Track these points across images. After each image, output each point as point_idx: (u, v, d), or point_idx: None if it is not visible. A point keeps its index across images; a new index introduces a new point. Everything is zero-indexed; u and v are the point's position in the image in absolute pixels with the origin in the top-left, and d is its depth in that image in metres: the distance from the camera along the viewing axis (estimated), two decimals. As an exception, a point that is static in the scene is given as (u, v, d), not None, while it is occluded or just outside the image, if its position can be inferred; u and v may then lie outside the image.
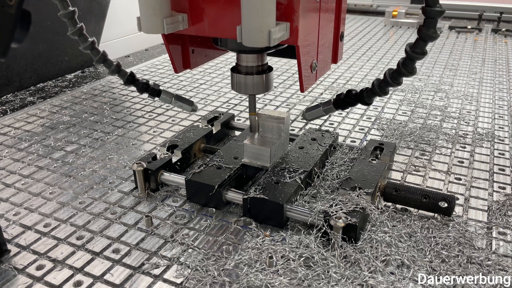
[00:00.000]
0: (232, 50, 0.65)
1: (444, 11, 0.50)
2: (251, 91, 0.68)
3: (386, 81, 0.59)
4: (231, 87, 0.70)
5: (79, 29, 0.67)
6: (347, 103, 0.66)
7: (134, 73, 0.74)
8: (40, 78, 1.28)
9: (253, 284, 0.53)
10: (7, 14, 0.48)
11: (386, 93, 0.61)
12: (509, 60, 1.45)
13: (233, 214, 0.68)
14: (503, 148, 0.87)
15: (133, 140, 0.93)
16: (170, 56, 0.68)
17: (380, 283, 0.53)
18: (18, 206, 0.71)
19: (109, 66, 0.72)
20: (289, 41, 0.54)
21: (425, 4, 0.50)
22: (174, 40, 0.67)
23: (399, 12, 1.94)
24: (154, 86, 0.75)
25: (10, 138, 0.94)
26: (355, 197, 0.62)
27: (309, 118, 0.73)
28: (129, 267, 0.58)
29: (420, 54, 0.54)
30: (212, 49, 0.73)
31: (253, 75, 0.66)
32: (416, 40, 0.53)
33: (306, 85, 0.60)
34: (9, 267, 0.58)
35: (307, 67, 0.60)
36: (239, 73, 0.67)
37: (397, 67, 0.57)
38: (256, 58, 0.65)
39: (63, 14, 0.64)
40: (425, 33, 0.51)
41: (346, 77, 1.30)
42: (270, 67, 0.68)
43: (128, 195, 0.73)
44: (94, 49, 0.70)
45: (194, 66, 0.71)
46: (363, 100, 0.64)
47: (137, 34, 1.72)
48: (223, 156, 0.75)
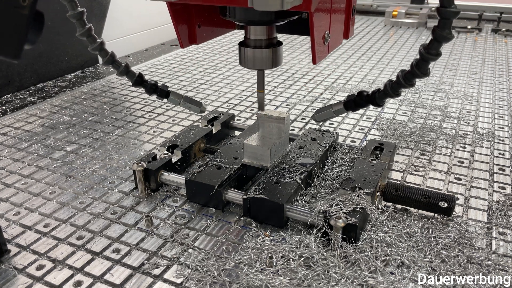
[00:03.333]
0: (240, 21, 0.63)
1: (459, 12, 0.49)
2: (260, 66, 0.66)
3: (399, 82, 0.58)
4: (239, 62, 0.68)
5: (88, 30, 0.66)
6: (358, 104, 0.65)
7: (143, 74, 0.74)
8: (40, 78, 1.28)
9: (253, 284, 0.53)
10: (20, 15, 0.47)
11: (399, 94, 0.60)
12: (509, 60, 1.45)
13: (233, 214, 0.68)
14: (503, 148, 0.87)
15: (133, 140, 0.93)
16: (176, 30, 0.66)
17: (380, 283, 0.53)
18: (18, 206, 0.71)
19: (118, 67, 0.71)
20: (301, 7, 0.52)
21: (440, 4, 0.49)
22: (180, 13, 0.65)
23: (399, 12, 1.94)
24: (162, 87, 0.75)
25: (10, 138, 0.94)
26: (355, 197, 0.62)
27: (319, 119, 0.71)
28: (129, 267, 0.58)
29: (435, 55, 0.53)
30: (218, 25, 0.71)
31: (262, 49, 0.64)
32: (430, 40, 0.53)
33: (318, 57, 0.59)
34: (9, 267, 0.58)
35: (319, 37, 0.58)
36: (247, 46, 0.65)
37: (411, 68, 0.56)
38: (264, 30, 0.63)
39: (72, 15, 0.63)
40: (440, 34, 0.51)
41: (346, 77, 1.30)
42: (279, 42, 0.66)
43: (128, 195, 0.73)
44: (102, 50, 0.69)
45: (201, 41, 0.70)
46: (374, 101, 0.63)
47: (137, 34, 1.72)
48: (223, 156, 0.75)
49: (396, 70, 1.36)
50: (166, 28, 1.84)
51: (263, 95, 0.71)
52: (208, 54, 1.56)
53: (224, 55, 1.54)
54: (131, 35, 1.69)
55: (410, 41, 1.69)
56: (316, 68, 1.39)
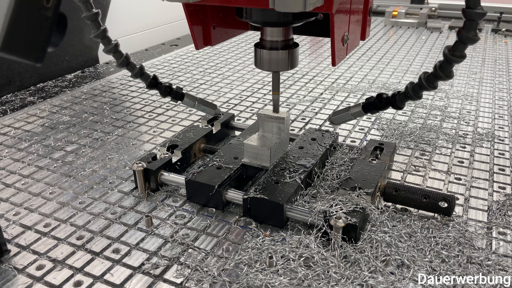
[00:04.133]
0: (257, 22, 0.62)
1: (485, 13, 0.48)
2: (275, 68, 0.65)
3: (421, 84, 0.57)
4: (254, 64, 0.68)
5: (103, 32, 0.65)
6: (377, 107, 0.64)
7: (157, 76, 0.73)
8: (40, 78, 1.28)
9: (253, 284, 0.53)
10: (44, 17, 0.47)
11: (420, 97, 0.59)
12: (509, 60, 1.45)
13: (233, 214, 0.68)
14: (503, 148, 0.87)
15: (133, 140, 0.93)
16: (191, 31, 0.65)
17: (380, 283, 0.53)
18: (18, 206, 0.71)
19: (132, 69, 0.70)
20: (323, 8, 0.52)
21: (466, 6, 0.48)
22: (196, 14, 0.65)
23: (399, 12, 1.94)
24: (177, 90, 0.74)
25: (10, 138, 0.94)
26: (355, 197, 0.62)
27: (336, 122, 0.70)
28: (129, 267, 0.58)
29: (459, 57, 0.52)
30: (233, 27, 0.71)
31: (278, 50, 0.64)
32: (455, 42, 0.51)
33: (338, 58, 0.58)
34: (9, 267, 0.58)
35: (339, 39, 0.58)
36: (263, 48, 0.64)
37: (434, 70, 0.55)
38: (281, 31, 0.63)
39: (87, 16, 0.62)
40: (465, 35, 0.49)
41: (346, 77, 1.30)
42: (295, 43, 0.66)
43: (128, 195, 0.73)
44: (117, 52, 0.68)
45: (216, 43, 0.69)
46: (395, 104, 0.62)
47: (137, 34, 1.72)
48: (223, 156, 0.75)
49: (396, 70, 1.36)
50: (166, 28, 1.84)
51: (278, 97, 0.71)
52: (208, 54, 1.56)
53: (224, 55, 1.54)
54: (131, 35, 1.69)
55: (410, 41, 1.69)
56: (316, 68, 1.39)
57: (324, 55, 1.54)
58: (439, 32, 1.82)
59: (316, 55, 1.54)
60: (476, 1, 0.47)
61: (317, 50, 1.60)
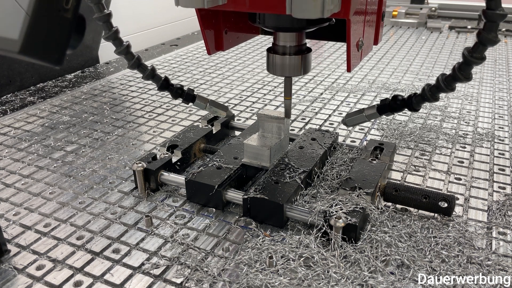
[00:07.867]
0: (269, 27, 0.62)
1: (506, 15, 0.47)
2: (288, 73, 0.65)
3: (439, 86, 0.56)
4: (266, 69, 0.68)
5: (115, 33, 0.64)
6: (393, 108, 0.63)
7: (169, 78, 0.72)
8: (41, 78, 1.28)
9: (253, 284, 0.53)
10: (64, 19, 0.46)
11: (437, 99, 0.58)
12: (509, 60, 1.45)
13: (233, 214, 0.68)
14: (503, 148, 0.87)
15: (133, 140, 0.93)
16: (203, 36, 0.65)
17: (380, 283, 0.53)
18: (18, 206, 0.71)
19: (144, 71, 0.69)
20: (339, 14, 0.51)
21: (486, 7, 0.47)
22: (209, 19, 0.65)
23: (399, 12, 1.94)
24: (189, 91, 0.73)
25: (10, 138, 0.94)
26: (355, 197, 0.62)
27: (349, 124, 0.69)
28: (129, 267, 0.58)
29: (479, 59, 0.51)
30: (244, 31, 0.71)
31: (290, 56, 0.63)
32: (475, 44, 0.51)
33: (353, 64, 0.58)
34: (9, 267, 0.58)
35: (354, 44, 0.57)
36: (275, 53, 0.64)
37: (452, 71, 0.54)
38: (294, 36, 0.62)
39: (99, 17, 0.61)
40: (486, 37, 0.49)
41: (346, 77, 1.30)
42: (308, 48, 0.65)
43: (128, 195, 0.73)
44: (128, 53, 0.67)
45: (227, 48, 0.69)
46: (411, 105, 0.61)
47: (137, 34, 1.72)
48: (223, 156, 0.75)
49: (396, 70, 1.36)
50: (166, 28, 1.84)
51: (290, 102, 0.70)
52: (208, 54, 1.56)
53: (224, 55, 1.54)
54: (131, 35, 1.69)
55: (410, 41, 1.69)
56: (316, 68, 1.39)
57: (324, 55, 1.54)
58: (439, 32, 1.82)
59: (316, 55, 1.54)
60: (497, 2, 0.47)
61: (317, 50, 1.60)
